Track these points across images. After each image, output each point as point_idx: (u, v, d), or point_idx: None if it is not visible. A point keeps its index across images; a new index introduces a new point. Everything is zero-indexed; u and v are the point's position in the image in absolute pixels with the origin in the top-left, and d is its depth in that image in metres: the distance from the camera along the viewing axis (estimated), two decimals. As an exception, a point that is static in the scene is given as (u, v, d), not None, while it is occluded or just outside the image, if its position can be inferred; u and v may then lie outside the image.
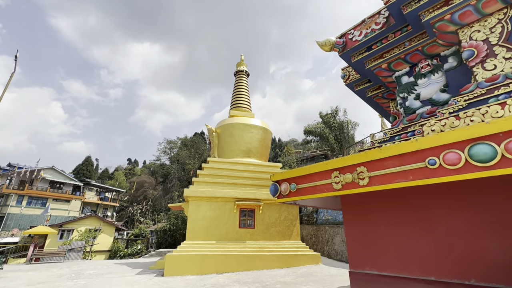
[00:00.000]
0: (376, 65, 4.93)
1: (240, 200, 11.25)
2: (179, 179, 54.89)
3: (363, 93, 6.21)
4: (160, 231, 19.78)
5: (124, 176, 63.64)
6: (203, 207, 10.98)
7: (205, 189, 11.05)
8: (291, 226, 11.75)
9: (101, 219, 23.22)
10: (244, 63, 17.47)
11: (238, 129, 13.73)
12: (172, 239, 19.40)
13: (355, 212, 4.35)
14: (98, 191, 42.13)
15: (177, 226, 19.81)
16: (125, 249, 20.77)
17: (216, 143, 14.02)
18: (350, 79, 6.17)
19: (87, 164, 61.25)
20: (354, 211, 4.37)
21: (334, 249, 12.17)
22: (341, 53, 5.19)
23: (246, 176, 12.29)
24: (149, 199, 50.20)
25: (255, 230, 11.25)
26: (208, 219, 10.86)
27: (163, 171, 64.75)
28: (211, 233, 10.69)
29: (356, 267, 4.10)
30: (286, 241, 11.44)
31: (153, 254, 16.12)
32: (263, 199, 11.57)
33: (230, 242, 10.70)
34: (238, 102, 15.86)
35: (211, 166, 12.32)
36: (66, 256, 16.22)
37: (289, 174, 4.39)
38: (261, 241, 11.14)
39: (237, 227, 11.08)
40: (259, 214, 11.52)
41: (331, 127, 30.04)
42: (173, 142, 69.30)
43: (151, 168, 73.26)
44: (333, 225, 13.08)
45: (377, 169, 3.27)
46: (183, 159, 56.45)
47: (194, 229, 10.58)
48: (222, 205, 11.22)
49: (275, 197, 4.56)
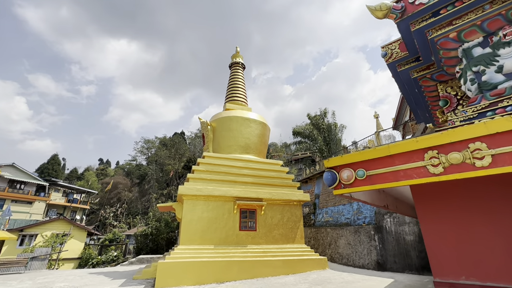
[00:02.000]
0: (442, 34, 4.18)
1: (241, 200, 10.13)
2: (157, 181, 51.91)
3: (406, 74, 5.48)
4: (141, 235, 17.88)
5: (96, 176, 59.06)
6: (200, 207, 9.70)
7: (202, 187, 9.79)
8: (294, 228, 10.82)
9: (71, 222, 20.67)
10: (240, 55, 16.45)
11: (236, 123, 12.63)
12: (154, 244, 17.61)
13: (440, 207, 3.50)
14: (66, 192, 38.33)
15: (159, 230, 18.06)
16: (99, 256, 18.53)
17: (211, 137, 12.79)
18: (393, 58, 5.41)
19: (53, 163, 56.02)
20: (437, 206, 3.53)
21: (338, 253, 11.42)
22: (399, 20, 4.40)
23: (246, 173, 11.20)
24: (124, 201, 46.78)
25: (256, 232, 10.17)
26: (205, 221, 9.59)
27: (140, 172, 61.08)
28: (209, 237, 9.43)
29: (445, 276, 3.24)
30: (290, 245, 10.48)
31: (134, 262, 14.34)
32: (265, 198, 10.54)
33: (230, 246, 9.51)
34: (234, 95, 14.77)
35: (207, 161, 11.07)
36: (28, 265, 13.89)
37: (355, 158, 3.43)
38: (264, 244, 10.08)
39: (237, 229, 9.92)
40: (261, 215, 10.46)
41: (319, 129, 29.82)
42: (151, 142, 65.97)
43: (126, 169, 69.02)
44: (335, 227, 12.37)
45: (506, 144, 2.44)
46: (162, 159, 53.59)
47: (189, 232, 9.25)
48: (221, 205, 10.01)
49: (331, 188, 3.57)
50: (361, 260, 10.22)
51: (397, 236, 9.53)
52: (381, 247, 9.70)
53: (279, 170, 12.11)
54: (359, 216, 11.43)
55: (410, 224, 9.44)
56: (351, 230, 11.14)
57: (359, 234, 10.68)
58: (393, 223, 9.80)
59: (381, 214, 10.27)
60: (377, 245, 9.81)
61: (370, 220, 10.75)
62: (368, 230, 10.33)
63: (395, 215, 9.90)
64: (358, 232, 10.74)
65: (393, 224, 9.79)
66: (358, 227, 10.86)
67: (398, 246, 9.37)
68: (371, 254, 9.91)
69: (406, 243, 9.24)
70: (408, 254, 9.05)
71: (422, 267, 8.58)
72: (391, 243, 9.55)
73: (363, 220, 11.13)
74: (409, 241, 9.22)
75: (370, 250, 9.98)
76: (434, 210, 3.51)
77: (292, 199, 10.97)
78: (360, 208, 11.54)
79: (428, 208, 3.56)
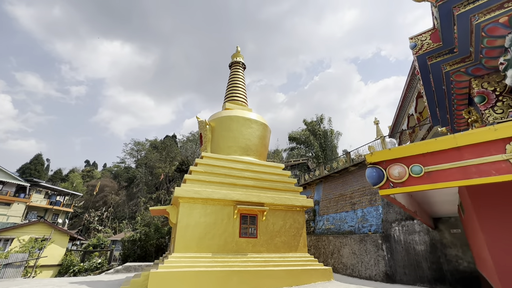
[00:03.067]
0: (490, 19, 3.74)
1: (242, 204, 9.42)
2: (146, 184, 50.21)
3: (437, 68, 5.04)
4: (128, 241, 16.72)
5: (82, 178, 56.69)
6: (197, 211, 8.93)
7: (201, 189, 9.04)
8: (297, 236, 10.16)
9: (52, 225, 19.25)
10: (240, 54, 15.95)
11: (237, 123, 12.00)
12: (142, 250, 16.49)
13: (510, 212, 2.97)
14: (49, 194, 36.30)
15: (148, 236, 16.97)
16: (81, 263, 17.21)
17: (210, 137, 12.08)
18: (424, 49, 4.97)
19: (36, 163, 53.48)
20: (507, 211, 3.00)
21: (342, 262, 10.80)
22: (441, 2, 3.96)
23: (247, 176, 10.52)
24: (110, 205, 44.81)
25: (257, 240, 9.45)
26: (203, 226, 8.81)
27: (128, 174, 59.10)
28: (207, 244, 8.64)
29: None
30: (293, 253, 9.79)
31: (120, 270, 13.25)
32: (267, 203, 9.87)
33: (229, 254, 8.74)
34: (234, 95, 14.17)
35: (206, 162, 10.34)
36: (1, 273, 12.59)
37: (408, 151, 2.86)
38: (265, 253, 9.35)
39: (237, 236, 9.18)
40: (262, 221, 9.77)
41: (315, 135, 29.54)
42: (142, 144, 64.28)
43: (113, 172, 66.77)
44: (338, 235, 11.78)
45: None
46: (152, 162, 52.04)
47: (185, 239, 8.44)
48: (219, 209, 9.27)
49: (376, 187, 2.98)
50: (367, 271, 9.63)
51: (407, 245, 9.02)
52: (390, 257, 9.16)
53: (281, 173, 11.50)
54: (364, 224, 10.89)
55: (420, 233, 8.95)
56: (356, 239, 10.57)
57: (365, 243, 10.11)
58: (402, 231, 9.31)
59: (389, 222, 9.77)
60: (385, 255, 9.26)
61: (376, 228, 10.23)
62: (375, 239, 9.79)
63: (404, 223, 9.42)
64: (364, 240, 10.18)
65: (402, 233, 9.29)
66: (364, 235, 10.30)
67: (408, 256, 8.84)
68: (378, 264, 9.34)
69: (417, 253, 8.73)
70: (419, 265, 8.53)
71: (435, 280, 8.06)
72: (401, 253, 9.02)
73: (368, 228, 10.60)
74: (420, 251, 8.72)
75: (377, 261, 9.41)
76: (503, 216, 2.97)
77: (295, 205, 10.34)
78: (365, 216, 11.02)
79: (494, 213, 3.02)
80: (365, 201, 11.40)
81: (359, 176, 12.46)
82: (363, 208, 11.31)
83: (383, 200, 10.44)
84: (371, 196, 11.14)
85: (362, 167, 12.48)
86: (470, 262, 7.71)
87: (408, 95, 20.62)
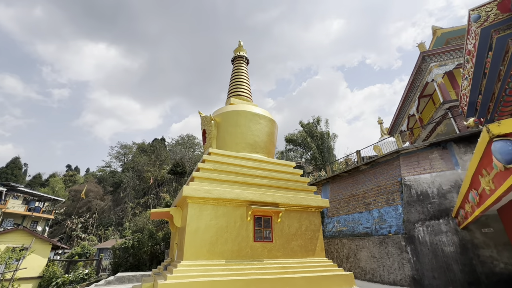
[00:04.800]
0: None
1: (256, 204, 8.54)
2: (134, 189, 47.94)
3: (503, 42, 4.49)
4: (120, 248, 15.28)
5: (63, 183, 53.54)
6: (208, 213, 7.96)
7: (212, 188, 8.09)
8: (314, 239, 9.37)
9: (33, 233, 17.46)
10: (243, 48, 15.21)
11: (245, 118, 11.16)
12: (135, 259, 15.10)
13: None
14: (27, 200, 33.72)
15: (142, 242, 15.61)
16: (65, 275, 15.57)
17: (215, 134, 11.16)
18: (490, 21, 4.39)
19: (13, 167, 50.07)
20: None
21: (360, 267, 10.09)
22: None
23: (259, 174, 9.68)
24: (95, 211, 42.27)
25: (273, 244, 8.57)
26: (214, 230, 7.85)
27: (114, 179, 56.37)
28: (219, 250, 7.68)
29: None
30: (310, 258, 8.98)
31: (112, 281, 11.91)
32: (282, 203, 9.04)
33: (244, 261, 7.81)
34: (238, 89, 13.37)
35: (214, 159, 9.41)
36: (-28, 288, 10.97)
37: None
38: (282, 258, 8.49)
39: (251, 240, 8.27)
40: (277, 224, 8.92)
41: (313, 136, 29.12)
42: (128, 147, 61.90)
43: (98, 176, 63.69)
44: (353, 237, 11.10)
45: None
46: (140, 166, 49.88)
47: (195, 244, 7.45)
48: (232, 211, 8.35)
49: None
50: (391, 276, 8.95)
51: (434, 247, 8.43)
52: (416, 260, 8.52)
53: (292, 172, 10.72)
54: (382, 224, 10.27)
55: (447, 234, 8.40)
56: (374, 241, 9.90)
57: (386, 246, 9.46)
58: (427, 232, 8.72)
59: (411, 223, 9.18)
60: (411, 257, 8.63)
61: (397, 229, 9.61)
62: (397, 241, 9.15)
63: (428, 223, 8.85)
64: (385, 243, 9.52)
65: (427, 234, 8.70)
66: (384, 237, 9.66)
67: (436, 259, 8.24)
68: (403, 268, 8.68)
69: (446, 255, 8.15)
70: (449, 268, 7.94)
71: (469, 283, 7.48)
72: (427, 256, 8.41)
73: (388, 230, 9.97)
74: (449, 252, 8.14)
75: (402, 264, 8.76)
76: None
77: (311, 205, 9.57)
78: (383, 216, 10.41)
79: None
80: (381, 200, 10.80)
81: (371, 175, 11.89)
82: (380, 208, 10.69)
83: (402, 199, 9.87)
84: (388, 195, 10.57)
85: (374, 166, 11.94)
86: (508, 264, 7.19)
87: (409, 95, 20.55)
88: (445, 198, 9.00)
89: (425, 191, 9.44)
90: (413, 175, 10.03)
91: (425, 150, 10.25)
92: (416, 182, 9.78)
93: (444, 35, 19.18)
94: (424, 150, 10.25)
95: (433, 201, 9.12)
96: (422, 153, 10.27)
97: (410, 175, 10.06)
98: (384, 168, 11.36)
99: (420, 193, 9.50)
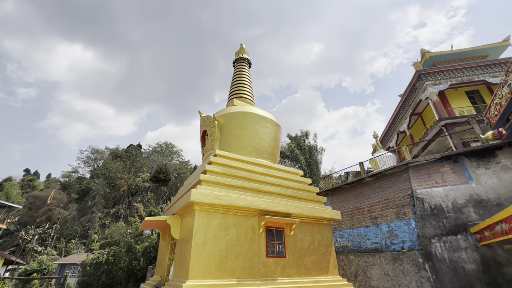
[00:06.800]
0: None
1: (269, 214, 7.59)
2: (104, 197, 43.92)
3: None
4: (91, 264, 13.14)
5: (20, 189, 47.79)
6: (217, 222, 6.86)
7: (222, 193, 7.03)
8: (326, 255, 8.53)
9: (-20, 245, 14.58)
10: (245, 51, 14.63)
11: (252, 121, 10.35)
12: (109, 277, 13.04)
13: None
14: (-26, 206, 29.18)
15: (118, 257, 13.63)
16: (19, 296, 12.99)
17: (218, 136, 10.17)
18: None
19: (-40, 168, 43.71)
20: None
21: (371, 286, 9.37)
22: None
23: (269, 181, 8.78)
24: (56, 221, 37.72)
25: (286, 260, 7.59)
26: (224, 243, 6.74)
27: (81, 186, 51.54)
28: (230, 266, 6.55)
29: None
30: (324, 276, 8.09)
31: (82, 304, 9.96)
32: (295, 214, 8.18)
33: (257, 280, 6.73)
34: (241, 91, 12.60)
35: (222, 162, 8.38)
36: None
37: None
38: (296, 276, 7.51)
39: (263, 255, 7.23)
40: (290, 237, 7.99)
41: (301, 149, 28.88)
42: (100, 152, 57.63)
43: (61, 182, 58.01)
44: (361, 253, 10.44)
45: None
46: (113, 172, 46.16)
47: (202, 260, 6.26)
48: (242, 221, 7.31)
49: None
50: (409, 296, 8.30)
51: (453, 264, 7.99)
52: (435, 278, 7.99)
53: (301, 181, 9.97)
54: (394, 240, 9.74)
55: (467, 250, 8.03)
56: (387, 258, 9.30)
57: (400, 263, 8.87)
58: (445, 248, 8.30)
59: (427, 238, 8.74)
60: (430, 276, 8.08)
61: (411, 245, 9.12)
62: (413, 258, 8.61)
63: (446, 238, 8.46)
64: (399, 259, 8.94)
65: (445, 250, 8.28)
66: (398, 253, 9.09)
67: (457, 277, 7.77)
68: (422, 287, 8.09)
69: (467, 274, 7.72)
70: (472, 287, 7.48)
71: (496, 304, 7.03)
72: (447, 274, 7.92)
73: (400, 245, 9.45)
74: (471, 270, 7.72)
75: (420, 283, 8.18)
76: None
77: (323, 217, 8.82)
78: (393, 231, 9.91)
79: None
80: (390, 214, 10.35)
81: (377, 187, 11.50)
82: (389, 222, 10.21)
83: (415, 213, 9.47)
84: (398, 209, 10.15)
85: (380, 178, 11.58)
86: (536, 283, 6.87)
87: (401, 112, 21.15)
88: (461, 212, 8.72)
89: (439, 204, 9.13)
90: (424, 188, 9.73)
91: (435, 163, 10.07)
92: (428, 195, 9.46)
93: (432, 58, 20.23)
94: (435, 163, 10.07)
95: (449, 215, 8.80)
96: (432, 166, 10.07)
97: (422, 188, 9.76)
98: (391, 180, 11.02)
99: (434, 206, 9.17)
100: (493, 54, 19.84)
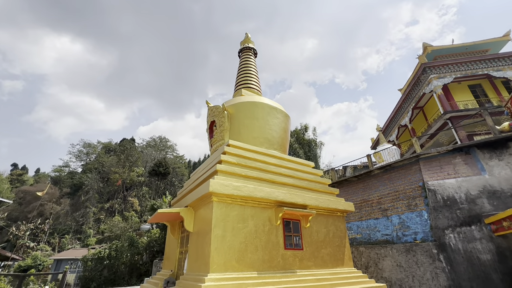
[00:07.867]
0: None
1: (286, 206, 7.38)
2: (97, 192, 42.99)
3: None
4: (93, 259, 12.74)
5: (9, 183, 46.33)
6: (235, 214, 6.61)
7: (240, 184, 6.77)
8: (341, 246, 8.43)
9: (-27, 241, 13.93)
10: (251, 40, 14.24)
11: (262, 111, 10.06)
12: (111, 272, 12.69)
13: None
14: (-38, 201, 28.00)
15: (120, 252, 13.27)
16: (17, 293, 12.51)
17: (228, 126, 9.84)
18: None
19: None
20: None
21: (383, 277, 9.35)
22: None
23: (285, 173, 8.57)
24: (49, 216, 36.75)
25: (304, 252, 7.44)
26: (243, 235, 6.51)
27: (73, 180, 50.31)
28: (249, 259, 6.34)
29: None
30: (340, 268, 7.99)
31: (87, 300, 9.61)
32: (311, 205, 8.00)
33: (276, 272, 6.56)
34: (248, 81, 12.26)
35: (236, 152, 8.10)
36: None
37: None
38: (313, 269, 7.38)
39: (282, 248, 7.05)
40: (306, 229, 7.83)
41: (301, 143, 28.79)
42: (92, 146, 56.29)
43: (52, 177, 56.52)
44: (371, 245, 10.41)
45: None
46: (106, 167, 45.17)
47: (223, 253, 6.02)
48: (260, 212, 7.08)
49: None
50: (423, 286, 8.31)
51: (468, 255, 8.00)
52: (450, 269, 8.00)
53: (313, 172, 9.80)
54: (406, 231, 9.72)
55: (482, 241, 8.05)
56: (399, 249, 9.27)
57: (414, 254, 8.86)
58: (459, 239, 8.31)
59: (440, 229, 8.72)
60: (445, 267, 8.08)
61: (424, 236, 9.10)
62: (427, 249, 8.59)
63: (460, 229, 8.46)
64: (412, 251, 8.92)
65: (459, 241, 8.28)
66: (411, 244, 9.07)
67: (472, 267, 7.79)
68: (438, 278, 8.09)
69: (483, 264, 7.74)
70: (488, 277, 7.51)
71: (512, 294, 7.07)
72: (462, 264, 7.94)
73: (413, 237, 9.43)
74: (486, 260, 7.75)
75: (435, 274, 8.17)
76: None
77: (338, 208, 8.68)
78: (405, 223, 9.88)
79: None
80: (401, 206, 10.31)
81: (386, 179, 11.44)
82: (400, 214, 10.18)
83: (427, 205, 9.44)
84: (409, 201, 10.11)
85: (389, 170, 11.51)
86: (553, 272, 6.92)
87: (403, 105, 21.17)
88: (474, 203, 8.73)
89: (451, 196, 9.12)
90: (436, 179, 9.70)
91: (446, 155, 10.04)
92: (441, 187, 9.44)
93: (433, 52, 20.23)
94: (446, 155, 10.04)
95: (462, 206, 8.79)
96: (443, 158, 10.04)
97: (434, 179, 9.72)
98: (401, 172, 10.96)
99: (446, 198, 9.15)
100: (494, 48, 20.01)
